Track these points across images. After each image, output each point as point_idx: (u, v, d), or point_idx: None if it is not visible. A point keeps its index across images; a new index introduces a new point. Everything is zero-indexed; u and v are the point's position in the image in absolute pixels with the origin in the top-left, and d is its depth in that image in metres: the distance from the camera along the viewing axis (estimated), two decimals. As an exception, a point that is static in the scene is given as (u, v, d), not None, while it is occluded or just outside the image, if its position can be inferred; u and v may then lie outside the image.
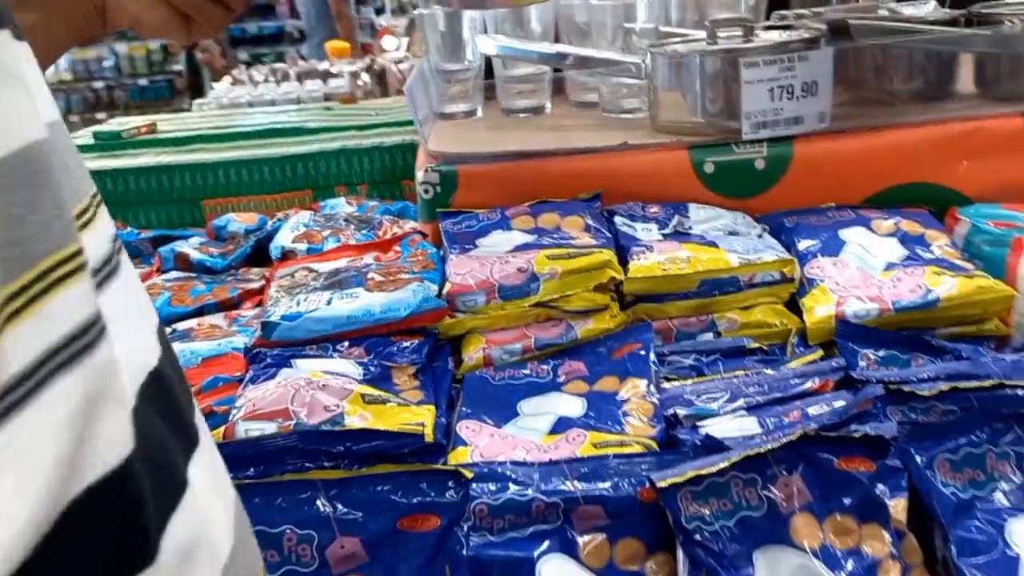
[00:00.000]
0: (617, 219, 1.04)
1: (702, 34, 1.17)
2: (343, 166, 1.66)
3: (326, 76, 3.81)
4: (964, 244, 1.00)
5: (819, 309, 0.89)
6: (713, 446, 0.71)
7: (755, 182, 1.07)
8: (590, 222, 1.01)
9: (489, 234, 1.01)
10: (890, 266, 0.94)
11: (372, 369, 0.84)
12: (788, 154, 1.07)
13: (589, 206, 1.05)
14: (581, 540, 0.67)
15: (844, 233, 0.99)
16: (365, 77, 3.83)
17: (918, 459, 0.72)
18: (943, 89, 1.19)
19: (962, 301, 0.87)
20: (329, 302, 0.91)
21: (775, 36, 1.11)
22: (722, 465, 0.67)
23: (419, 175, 1.10)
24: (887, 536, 0.68)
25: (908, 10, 1.17)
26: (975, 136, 1.06)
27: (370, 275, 0.96)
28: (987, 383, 0.76)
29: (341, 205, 1.49)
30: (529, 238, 0.98)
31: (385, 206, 1.36)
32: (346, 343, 0.89)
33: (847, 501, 0.68)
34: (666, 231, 1.03)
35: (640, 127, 1.18)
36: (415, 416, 0.76)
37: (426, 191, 1.09)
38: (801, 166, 1.07)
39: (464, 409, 0.81)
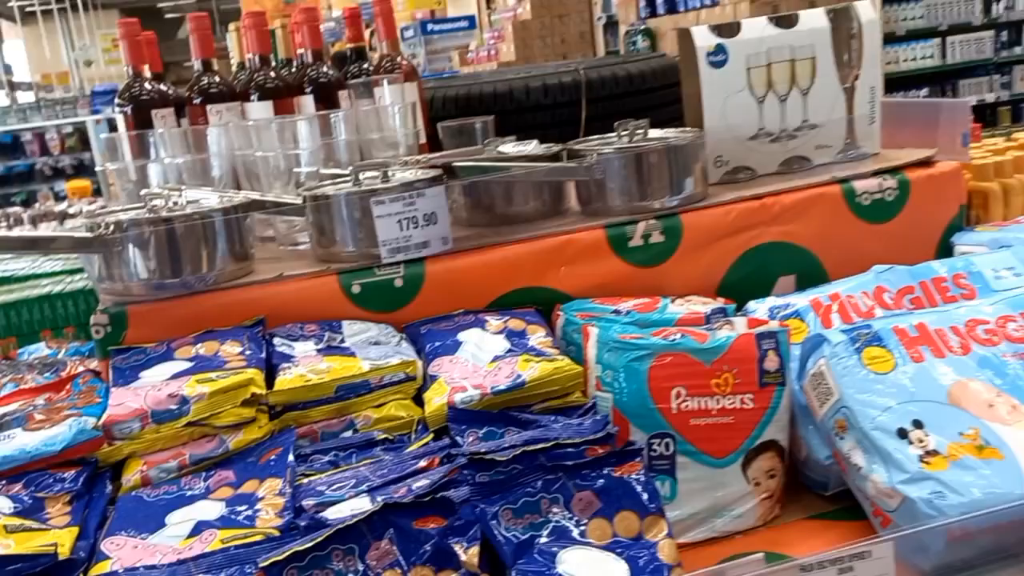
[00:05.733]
0: (276, 340, 1.19)
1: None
2: (47, 311, 1.70)
3: (63, 217, 3.74)
4: (562, 334, 1.24)
5: (436, 399, 1.08)
6: (317, 526, 0.85)
7: (396, 298, 1.27)
8: (246, 345, 1.15)
9: (153, 366, 1.12)
10: (496, 358, 1.15)
11: (24, 502, 0.92)
12: (421, 273, 1.27)
13: (251, 331, 1.19)
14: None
15: (463, 335, 1.20)
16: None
17: (487, 511, 0.90)
18: (554, 210, 1.46)
19: (543, 381, 1.09)
20: (-14, 446, 0.97)
21: (408, 176, 1.34)
22: (318, 540, 0.81)
23: (92, 318, 1.19)
24: (459, 578, 0.84)
25: (514, 149, 1.45)
26: (568, 246, 1.33)
27: (33, 415, 1.03)
28: (549, 443, 0.97)
29: (39, 350, 1.53)
30: (187, 365, 1.11)
31: (77, 347, 1.43)
32: (3, 481, 0.95)
33: (424, 553, 0.85)
34: (320, 346, 1.19)
35: (306, 258, 1.35)
36: (53, 538, 0.85)
37: (97, 332, 1.19)
38: (433, 282, 1.28)
39: (111, 527, 0.91)
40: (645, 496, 0.91)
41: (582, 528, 0.90)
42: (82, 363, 1.30)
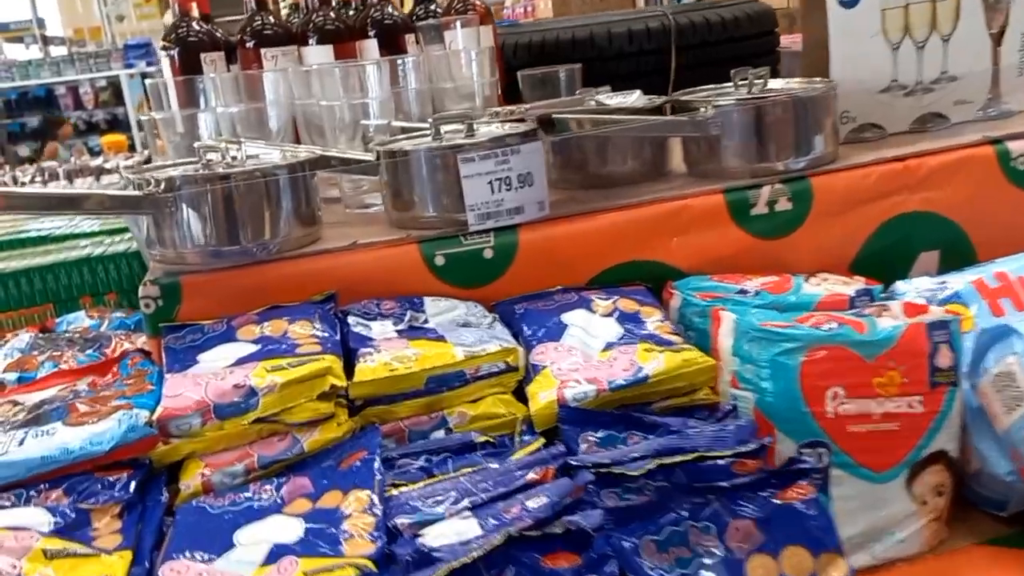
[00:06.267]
0: (351, 319, 1.03)
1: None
2: (87, 276, 1.55)
3: (99, 173, 3.61)
4: (678, 317, 1.07)
5: (542, 395, 0.91)
6: (424, 560, 0.70)
7: (485, 271, 1.10)
8: (318, 326, 0.99)
9: (212, 348, 0.97)
10: (608, 346, 0.98)
11: (67, 515, 0.77)
12: (514, 243, 1.10)
13: (321, 308, 1.03)
14: None
15: (567, 317, 1.03)
16: (143, 171, 3.65)
17: (625, 545, 0.74)
18: (656, 171, 1.28)
19: (669, 375, 0.92)
20: (22, 442, 0.83)
21: (494, 130, 1.16)
22: (427, 580, 0.66)
23: (140, 289, 1.04)
24: (597, 625, 0.69)
25: (614, 100, 1.26)
26: (682, 214, 1.15)
27: (76, 405, 0.88)
28: (691, 456, 0.80)
29: (79, 320, 1.39)
30: (252, 348, 0.95)
31: (122, 319, 1.28)
32: (43, 485, 0.81)
33: (555, 596, 0.69)
34: (401, 326, 1.03)
35: (378, 223, 1.19)
36: (103, 569, 0.70)
37: (147, 305, 1.03)
38: (527, 253, 1.10)
39: (170, 548, 0.76)
40: (818, 528, 0.75)
41: (741, 566, 0.73)
42: (128, 339, 1.15)
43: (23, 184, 3.48)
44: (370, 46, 1.51)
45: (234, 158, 1.09)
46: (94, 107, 9.34)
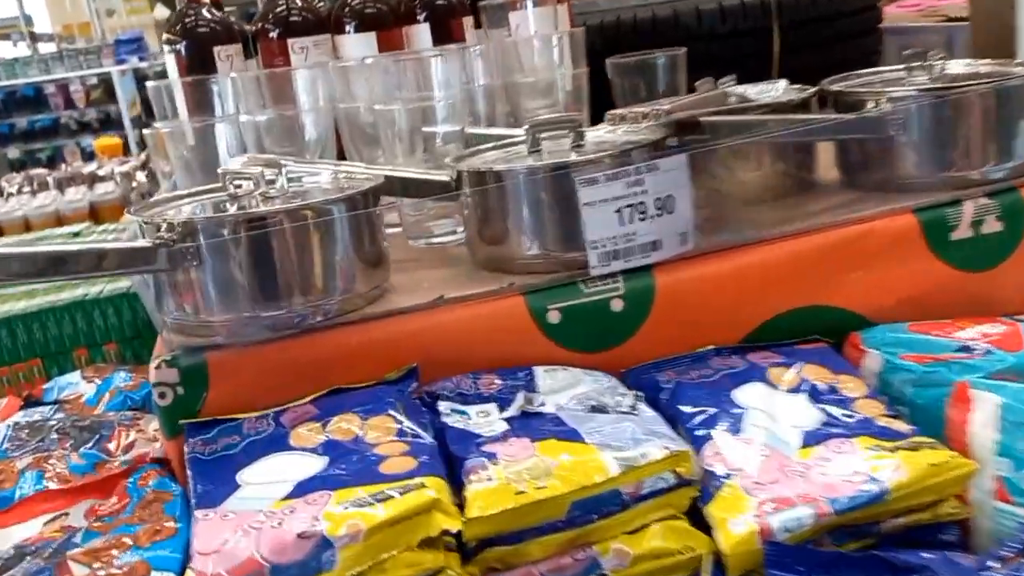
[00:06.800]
0: (442, 406, 0.75)
1: (519, 133, 0.92)
2: (80, 324, 1.27)
3: (92, 181, 3.32)
4: (880, 385, 0.79)
5: (734, 524, 0.64)
6: None
7: (613, 328, 0.82)
8: (404, 423, 0.71)
9: (257, 460, 0.69)
10: (808, 439, 0.70)
11: None
12: (649, 288, 0.82)
13: (401, 391, 0.76)
14: None
15: (740, 395, 0.75)
16: (141, 177, 3.40)
17: None
18: (804, 184, 1.00)
19: (913, 488, 0.65)
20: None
21: (611, 138, 0.88)
22: None
23: (152, 372, 0.76)
24: None
25: (752, 91, 0.98)
26: (864, 241, 0.87)
27: (68, 565, 0.61)
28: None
29: (73, 385, 1.11)
30: (316, 464, 0.67)
31: (127, 393, 1.00)
32: None
33: None
34: (511, 412, 0.75)
35: (458, 261, 0.91)
36: None
37: (162, 396, 0.75)
38: (666, 302, 0.83)
39: None
40: None
41: None
42: (136, 427, 0.87)
43: (9, 196, 3.19)
44: (420, 33, 1.23)
45: (271, 183, 0.81)
46: (85, 105, 9.06)
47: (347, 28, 1.21)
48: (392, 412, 0.72)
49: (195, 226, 0.73)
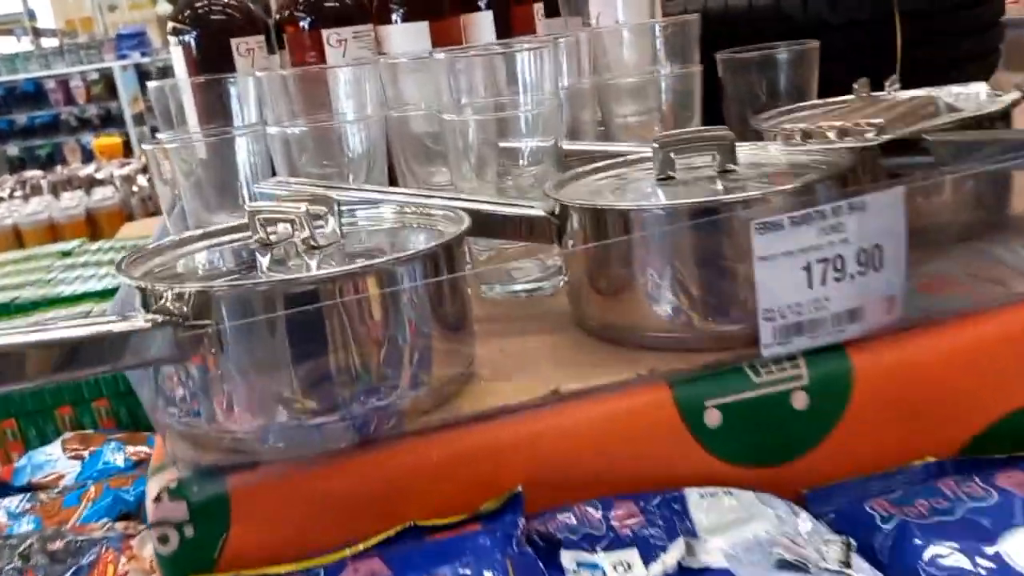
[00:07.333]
0: (565, 558, 0.52)
1: (644, 154, 0.69)
2: (64, 376, 1.04)
3: (90, 184, 3.10)
4: None
5: None
6: None
7: (793, 435, 0.59)
8: (520, 592, 0.48)
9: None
10: None
11: None
12: (845, 375, 0.59)
13: (508, 540, 0.52)
14: None
15: (1008, 547, 0.52)
16: (142, 180, 3.17)
17: None
18: (986, 219, 0.77)
19: None
20: None
21: (775, 160, 0.64)
22: None
23: (149, 506, 0.53)
24: None
25: (953, 96, 0.75)
26: (1124, 308, 0.63)
27: None
28: None
29: (52, 462, 0.88)
30: (398, 675, 0.44)
31: (117, 492, 0.76)
32: None
33: None
34: (661, 568, 0.52)
35: (555, 323, 0.68)
36: None
37: (164, 539, 0.52)
38: (867, 395, 0.59)
39: None
40: None
41: None
42: (127, 547, 0.64)
43: (0, 200, 2.97)
44: (481, 21, 1.00)
45: (318, 225, 0.58)
46: (86, 102, 8.88)
47: (394, 17, 0.98)
48: (494, 563, 0.49)
49: (213, 297, 0.50)
